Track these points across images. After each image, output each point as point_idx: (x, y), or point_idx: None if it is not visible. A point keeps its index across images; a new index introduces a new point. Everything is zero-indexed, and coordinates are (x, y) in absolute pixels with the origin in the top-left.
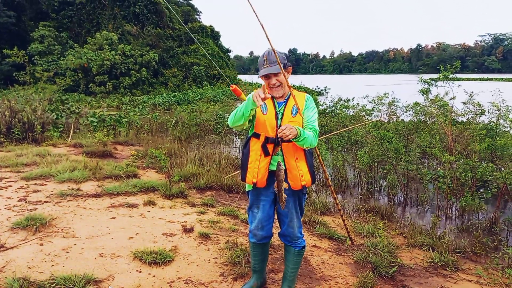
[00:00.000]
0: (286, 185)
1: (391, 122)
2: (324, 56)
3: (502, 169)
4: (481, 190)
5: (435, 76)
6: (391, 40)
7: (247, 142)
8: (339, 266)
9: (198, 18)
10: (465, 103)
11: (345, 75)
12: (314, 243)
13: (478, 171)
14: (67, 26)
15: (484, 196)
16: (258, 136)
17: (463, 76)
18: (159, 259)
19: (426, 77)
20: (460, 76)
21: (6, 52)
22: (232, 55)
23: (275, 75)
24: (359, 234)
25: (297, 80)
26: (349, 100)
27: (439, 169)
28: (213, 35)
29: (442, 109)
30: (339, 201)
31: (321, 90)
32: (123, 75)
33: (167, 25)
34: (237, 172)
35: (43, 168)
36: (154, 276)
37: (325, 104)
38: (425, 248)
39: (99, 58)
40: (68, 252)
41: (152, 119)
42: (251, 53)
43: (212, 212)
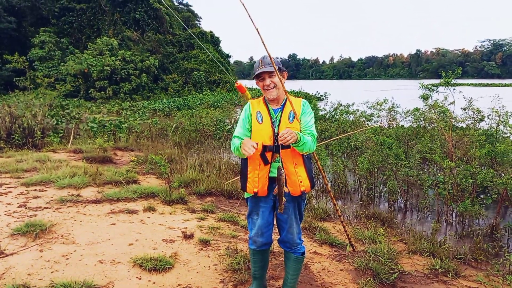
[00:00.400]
0: (287, 189)
1: (391, 128)
2: (324, 62)
3: (502, 175)
4: (482, 196)
5: (435, 82)
6: (391, 46)
7: None
8: (340, 273)
9: (198, 24)
10: (465, 109)
11: (345, 81)
12: (315, 250)
13: (479, 177)
14: (68, 32)
15: (485, 202)
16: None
17: (463, 82)
18: (159, 266)
19: (426, 83)
20: (460, 82)
21: (7, 58)
22: (232, 61)
23: (270, 76)
24: (360, 241)
25: (297, 86)
26: (349, 106)
27: (440, 175)
28: (213, 41)
29: (442, 115)
30: (339, 207)
31: (321, 96)
32: (123, 81)
33: (167, 31)
34: (237, 178)
35: (43, 174)
36: (154, 283)
37: (325, 110)
38: (426, 255)
39: (99, 64)
40: (68, 259)
41: (152, 125)
42: (251, 59)
43: (212, 218)
